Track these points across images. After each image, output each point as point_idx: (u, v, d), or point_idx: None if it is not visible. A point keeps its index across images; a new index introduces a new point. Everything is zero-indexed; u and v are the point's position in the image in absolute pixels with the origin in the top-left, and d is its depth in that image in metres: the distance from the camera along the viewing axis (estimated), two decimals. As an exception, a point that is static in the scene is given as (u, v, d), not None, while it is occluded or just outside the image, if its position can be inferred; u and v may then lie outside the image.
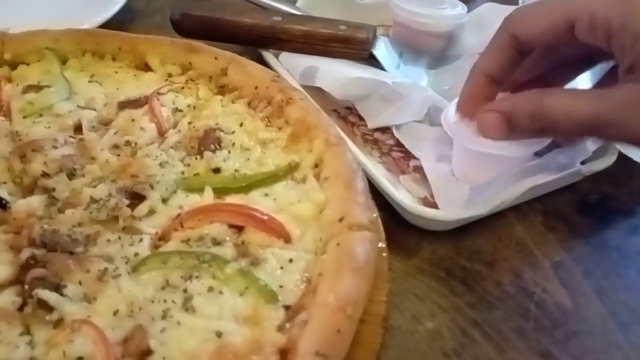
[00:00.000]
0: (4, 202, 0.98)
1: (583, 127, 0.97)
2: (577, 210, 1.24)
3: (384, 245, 1.02)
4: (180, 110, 1.25)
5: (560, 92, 1.05)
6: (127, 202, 0.98)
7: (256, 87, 1.26)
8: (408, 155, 1.32)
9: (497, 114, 1.05)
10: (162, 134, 1.19)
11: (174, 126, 1.21)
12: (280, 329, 0.84)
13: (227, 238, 0.97)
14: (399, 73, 1.48)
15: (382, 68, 1.46)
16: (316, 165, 1.11)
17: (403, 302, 1.03)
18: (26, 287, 0.84)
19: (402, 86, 1.38)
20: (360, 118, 1.43)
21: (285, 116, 1.21)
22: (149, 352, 0.77)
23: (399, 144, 1.35)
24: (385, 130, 1.40)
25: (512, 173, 1.12)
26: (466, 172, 1.17)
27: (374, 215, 1.00)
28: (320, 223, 0.99)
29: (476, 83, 1.13)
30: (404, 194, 1.17)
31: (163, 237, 0.97)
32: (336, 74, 1.39)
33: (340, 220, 0.96)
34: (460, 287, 1.07)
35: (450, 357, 0.95)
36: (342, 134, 1.17)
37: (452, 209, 1.10)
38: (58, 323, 0.81)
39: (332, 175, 1.05)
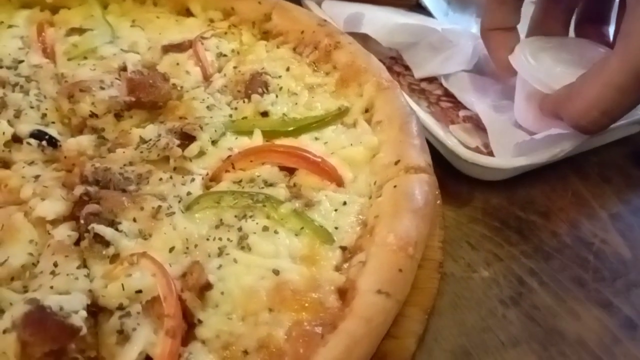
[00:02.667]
0: (54, 140, 0.97)
1: None
2: (633, 163, 1.20)
3: (437, 192, 1.00)
4: (225, 55, 1.23)
5: None
6: (177, 142, 0.96)
7: (302, 32, 1.23)
8: (457, 105, 1.28)
9: None
10: (207, 78, 1.17)
11: (219, 70, 1.19)
12: (338, 269, 0.82)
13: (279, 180, 0.95)
14: (447, 20, 1.42)
15: (430, 15, 1.41)
16: (367, 110, 1.08)
17: (457, 251, 1.01)
18: (81, 222, 0.83)
19: (452, 33, 1.33)
20: (406, 68, 1.38)
21: (332, 61, 1.18)
22: (208, 286, 0.76)
23: (447, 93, 1.31)
24: (432, 80, 1.35)
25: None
26: (529, 119, 1.13)
27: (430, 159, 0.96)
28: (373, 167, 0.97)
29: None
30: (455, 143, 1.13)
31: (214, 178, 0.96)
32: (383, 21, 1.34)
33: (396, 163, 0.93)
34: (515, 237, 1.04)
35: (508, 305, 0.92)
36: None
37: (509, 156, 1.06)
38: (114, 258, 0.81)
39: (385, 118, 1.02)
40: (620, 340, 0.88)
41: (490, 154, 1.12)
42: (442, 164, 1.12)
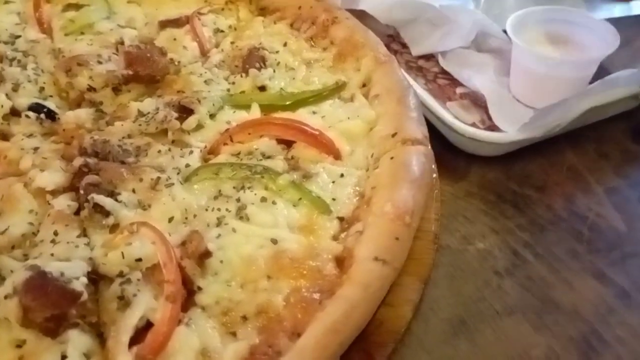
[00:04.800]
0: (52, 113, 0.97)
1: None
2: (630, 138, 1.20)
3: (434, 165, 1.00)
4: (222, 31, 1.23)
5: None
6: (175, 115, 0.96)
7: (299, 8, 1.22)
8: (454, 82, 1.28)
9: None
10: (204, 53, 1.17)
11: (216, 46, 1.19)
12: (335, 238, 0.83)
13: (277, 153, 0.95)
14: (445, -4, 1.41)
15: (428, -9, 1.40)
16: (364, 85, 1.08)
17: (452, 224, 1.02)
18: (81, 192, 0.84)
19: (450, 9, 1.32)
20: (404, 46, 1.37)
21: (330, 36, 1.18)
22: (207, 254, 0.77)
23: (444, 71, 1.30)
24: (429, 57, 1.34)
25: (572, 95, 1.07)
26: (525, 94, 1.14)
27: (426, 132, 0.97)
28: (370, 139, 0.97)
29: None
30: (453, 118, 1.14)
31: (212, 151, 0.96)
32: (381, -3, 1.34)
33: (394, 135, 0.93)
34: (511, 210, 1.05)
35: (503, 276, 0.94)
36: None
37: (514, 131, 1.07)
38: (114, 228, 0.81)
39: (383, 92, 1.02)
40: (615, 310, 0.89)
41: (488, 129, 1.12)
42: (439, 140, 1.13)
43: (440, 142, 1.13)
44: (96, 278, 0.76)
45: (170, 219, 0.83)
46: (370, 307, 0.72)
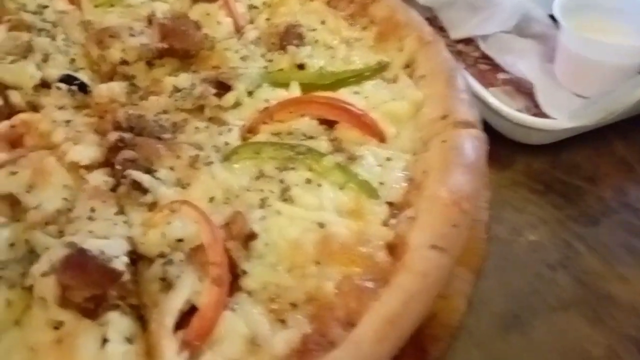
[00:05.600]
0: (84, 85, 0.93)
1: None
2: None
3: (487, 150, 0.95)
4: (256, 7, 1.17)
5: None
6: (213, 91, 0.91)
7: (337, -15, 1.18)
8: (496, 67, 1.23)
9: None
10: (238, 29, 1.12)
11: (251, 22, 1.14)
12: (385, 224, 0.78)
13: (319, 134, 0.90)
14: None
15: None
16: (407, 66, 1.03)
17: (500, 213, 0.97)
18: (118, 167, 0.79)
19: (492, -9, 1.27)
20: (441, 29, 1.32)
21: (369, 15, 1.13)
22: (252, 236, 0.72)
23: (484, 56, 1.25)
24: (469, 41, 1.29)
25: (626, 83, 1.02)
26: (573, 81, 1.09)
27: (478, 115, 0.92)
28: (417, 122, 0.92)
29: None
30: (499, 103, 1.09)
31: (251, 130, 0.91)
32: (420, -23, 1.29)
33: (444, 117, 0.88)
34: (560, 201, 1.00)
35: (555, 269, 0.89)
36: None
37: (563, 118, 1.02)
38: (152, 207, 0.77)
39: (429, 73, 0.97)
40: (674, 307, 0.85)
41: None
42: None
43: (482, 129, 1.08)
44: (135, 258, 0.72)
45: (211, 199, 0.78)
46: (429, 297, 0.68)
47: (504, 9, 1.25)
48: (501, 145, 1.09)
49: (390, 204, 0.81)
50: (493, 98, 1.09)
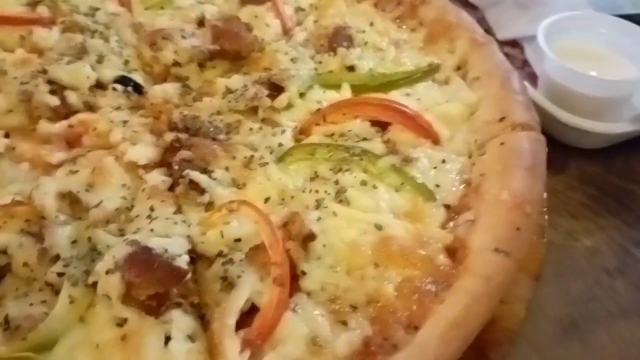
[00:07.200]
0: (139, 86, 0.94)
1: None
2: None
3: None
4: (303, 9, 1.18)
5: None
6: (266, 92, 0.91)
7: (385, -13, 1.17)
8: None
9: None
10: (286, 31, 1.12)
11: (299, 24, 1.14)
12: (443, 227, 0.77)
13: (372, 136, 0.90)
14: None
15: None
16: (459, 68, 1.02)
17: (555, 218, 0.94)
18: (175, 167, 0.80)
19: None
20: (487, 31, 1.29)
21: (418, 17, 1.12)
22: (311, 237, 0.72)
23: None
24: (515, 44, 1.27)
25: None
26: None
27: (537, 117, 0.90)
28: (472, 124, 0.91)
29: None
30: (554, 107, 1.06)
31: (303, 132, 0.91)
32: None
33: (501, 120, 0.87)
34: (615, 205, 0.97)
35: (613, 275, 0.87)
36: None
37: (623, 122, 0.99)
38: (209, 206, 0.77)
39: (484, 75, 0.96)
40: None
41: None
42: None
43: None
44: (194, 257, 0.72)
45: (267, 199, 0.78)
46: (493, 301, 0.66)
47: (553, 9, 1.22)
48: (553, 149, 1.06)
49: (447, 206, 0.80)
50: (548, 102, 1.06)
